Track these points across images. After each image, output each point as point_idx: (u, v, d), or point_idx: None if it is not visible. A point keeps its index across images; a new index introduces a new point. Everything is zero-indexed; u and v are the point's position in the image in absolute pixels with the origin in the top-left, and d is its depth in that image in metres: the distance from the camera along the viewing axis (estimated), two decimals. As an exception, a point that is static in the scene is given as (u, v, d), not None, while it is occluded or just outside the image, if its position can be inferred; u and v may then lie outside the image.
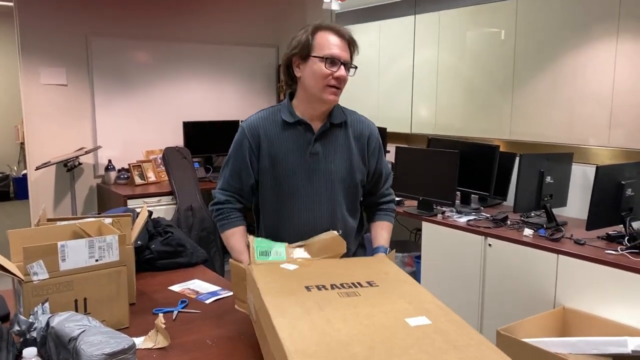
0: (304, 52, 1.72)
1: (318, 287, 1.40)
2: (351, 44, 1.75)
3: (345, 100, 1.89)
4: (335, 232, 1.70)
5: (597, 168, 2.67)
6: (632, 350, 2.03)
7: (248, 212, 2.02)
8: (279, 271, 1.55)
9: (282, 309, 1.26)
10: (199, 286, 2.09)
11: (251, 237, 1.74)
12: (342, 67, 1.71)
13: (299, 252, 1.67)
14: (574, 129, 3.74)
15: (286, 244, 1.70)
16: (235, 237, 1.88)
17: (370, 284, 1.44)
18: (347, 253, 1.75)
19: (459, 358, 1.07)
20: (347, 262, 1.68)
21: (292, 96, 1.84)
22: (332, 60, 1.70)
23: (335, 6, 5.12)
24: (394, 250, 1.84)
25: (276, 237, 1.78)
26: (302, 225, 1.81)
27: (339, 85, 1.72)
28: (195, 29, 4.99)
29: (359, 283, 1.44)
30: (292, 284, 1.43)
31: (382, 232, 1.91)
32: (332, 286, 1.41)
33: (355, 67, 1.77)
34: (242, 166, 1.84)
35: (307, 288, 1.39)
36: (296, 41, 1.75)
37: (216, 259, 4.20)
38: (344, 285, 1.42)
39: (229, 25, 5.18)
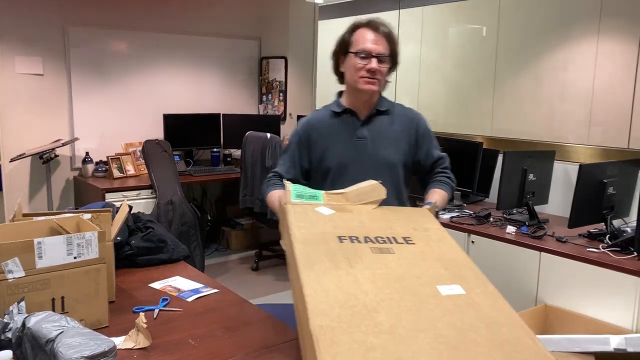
0: (343, 49, 1.91)
1: (351, 239, 1.34)
2: (388, 38, 1.87)
3: (330, 94, 1.96)
4: (375, 181, 1.65)
5: (580, 166, 2.68)
6: (614, 348, 2.05)
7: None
8: (314, 215, 1.48)
9: (311, 261, 1.21)
10: (181, 283, 2.04)
11: (288, 182, 1.72)
12: (374, 59, 1.83)
13: (337, 198, 1.60)
14: (554, 126, 3.77)
15: (324, 191, 1.65)
16: (278, 191, 1.90)
17: (406, 240, 1.37)
18: None
19: (488, 339, 1.00)
20: (387, 212, 1.59)
21: (340, 94, 2.01)
22: (364, 54, 1.84)
23: (318, 0, 5.08)
24: (436, 202, 1.77)
25: None
26: None
27: (372, 76, 1.85)
28: (177, 19, 4.89)
29: (394, 238, 1.36)
30: (325, 231, 1.37)
31: (433, 194, 1.89)
32: (366, 239, 1.34)
33: (396, 62, 1.90)
34: (287, 158, 2.01)
35: (340, 239, 1.33)
36: (338, 40, 1.94)
37: (196, 253, 4.14)
38: (379, 239, 1.35)
39: (212, 16, 5.10)
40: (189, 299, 1.89)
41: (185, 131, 4.85)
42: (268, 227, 4.46)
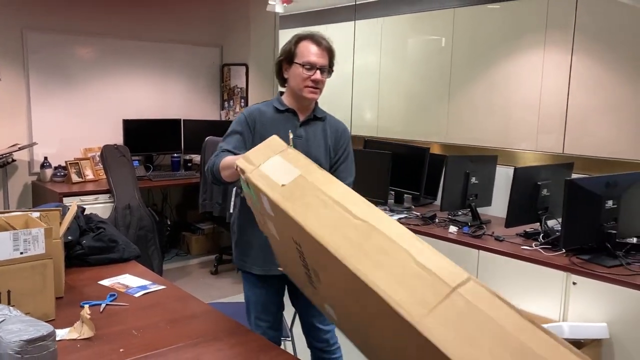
0: (289, 59, 2.09)
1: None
2: (329, 51, 2.08)
3: None
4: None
5: (515, 169, 2.86)
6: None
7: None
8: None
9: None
10: (130, 280, 2.12)
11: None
12: (318, 71, 2.04)
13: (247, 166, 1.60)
14: (506, 133, 3.96)
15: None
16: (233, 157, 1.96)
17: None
18: None
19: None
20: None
21: (281, 93, 2.20)
22: (309, 66, 2.03)
23: (279, 9, 5.20)
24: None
25: None
26: None
27: (316, 86, 2.07)
28: (138, 26, 4.95)
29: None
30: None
31: None
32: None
33: (332, 71, 2.11)
34: (237, 137, 2.11)
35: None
36: (283, 49, 2.13)
37: (154, 257, 4.18)
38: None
39: (173, 23, 5.17)
40: (136, 295, 1.97)
41: (145, 136, 4.89)
42: (227, 231, 4.54)
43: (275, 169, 1.53)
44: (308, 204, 1.36)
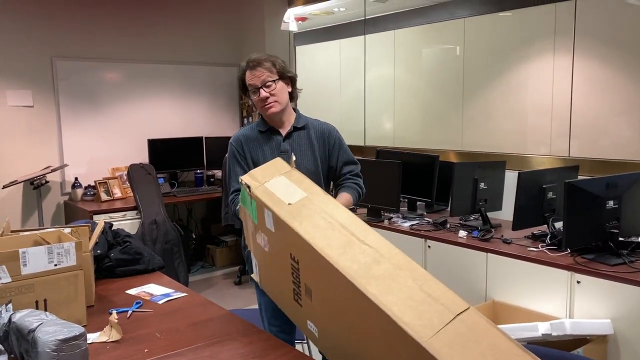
0: (244, 90, 2.26)
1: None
2: (265, 66, 2.16)
3: (309, 115, 2.32)
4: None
5: (520, 174, 2.95)
6: (542, 334, 2.29)
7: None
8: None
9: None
10: (154, 289, 2.28)
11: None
12: (261, 90, 2.15)
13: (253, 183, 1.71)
14: (520, 139, 4.03)
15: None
16: None
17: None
18: None
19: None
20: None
21: (262, 116, 2.32)
22: (253, 90, 2.18)
23: (293, 27, 5.40)
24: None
25: None
26: None
27: (267, 102, 2.17)
28: (160, 50, 5.20)
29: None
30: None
31: (339, 198, 2.17)
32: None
33: (286, 76, 2.21)
34: (238, 168, 2.25)
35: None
36: (239, 84, 2.28)
37: (180, 269, 4.37)
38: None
39: (192, 45, 5.41)
40: (160, 302, 2.13)
41: (169, 155, 5.12)
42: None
43: (280, 188, 1.65)
44: (316, 224, 1.48)
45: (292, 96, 2.30)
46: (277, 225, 1.57)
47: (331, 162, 2.29)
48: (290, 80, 2.25)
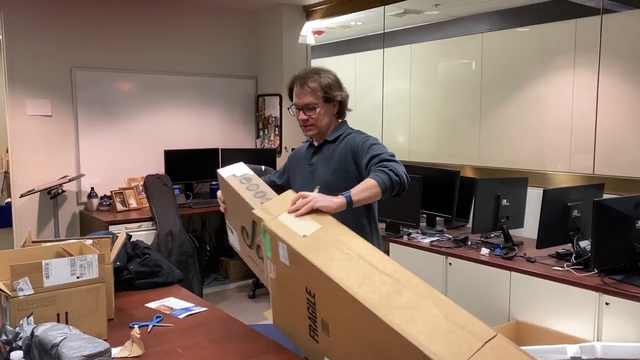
0: (291, 98, 2.18)
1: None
2: (311, 88, 2.09)
3: None
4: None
5: (544, 191, 2.89)
6: (571, 357, 2.23)
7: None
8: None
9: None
10: (174, 303, 2.25)
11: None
12: (301, 111, 2.12)
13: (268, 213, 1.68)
14: (539, 155, 3.99)
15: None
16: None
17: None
18: None
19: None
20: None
21: None
22: (295, 107, 2.15)
23: (310, 40, 5.40)
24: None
25: None
26: None
27: (305, 124, 2.14)
28: (177, 61, 5.21)
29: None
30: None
31: (357, 185, 1.87)
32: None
33: (330, 101, 2.12)
34: (283, 170, 2.39)
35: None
36: (288, 90, 2.21)
37: (195, 281, 4.34)
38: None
39: (209, 57, 5.42)
40: (180, 316, 2.10)
41: (185, 166, 5.11)
42: (264, 255, 4.65)
43: (294, 221, 1.61)
44: (332, 255, 1.45)
45: (340, 115, 2.20)
46: (292, 259, 1.53)
47: (361, 170, 2.04)
48: (339, 102, 2.15)
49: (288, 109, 2.23)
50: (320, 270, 1.40)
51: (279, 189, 2.10)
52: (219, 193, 2.14)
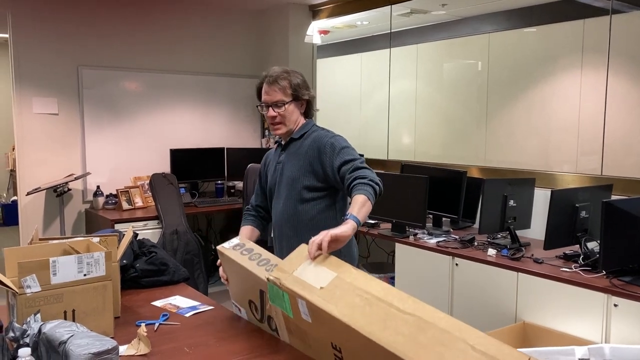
0: (259, 99, 2.22)
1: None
2: (279, 86, 2.13)
3: (328, 127, 2.26)
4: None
5: (552, 192, 2.88)
6: (579, 359, 2.21)
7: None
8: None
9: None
10: (180, 301, 2.24)
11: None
12: (270, 108, 2.15)
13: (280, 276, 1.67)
14: (545, 156, 3.97)
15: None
16: (241, 231, 2.38)
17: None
18: (299, 237, 2.09)
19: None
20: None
21: None
22: (263, 105, 2.18)
23: (316, 39, 5.39)
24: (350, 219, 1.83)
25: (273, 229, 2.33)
26: (275, 215, 2.28)
27: (274, 122, 2.17)
28: (183, 60, 5.21)
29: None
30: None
31: (352, 205, 1.92)
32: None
33: (298, 98, 2.17)
34: (257, 185, 2.43)
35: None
36: (256, 89, 2.23)
37: (200, 280, 4.33)
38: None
39: (215, 57, 5.42)
40: (187, 315, 2.09)
41: (191, 165, 5.11)
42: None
43: (309, 274, 1.60)
44: (351, 303, 1.43)
45: (307, 115, 2.24)
46: (312, 314, 1.52)
47: (325, 169, 2.10)
48: (306, 101, 2.20)
49: (257, 107, 2.26)
50: (340, 320, 1.39)
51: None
52: (220, 271, 2.17)
